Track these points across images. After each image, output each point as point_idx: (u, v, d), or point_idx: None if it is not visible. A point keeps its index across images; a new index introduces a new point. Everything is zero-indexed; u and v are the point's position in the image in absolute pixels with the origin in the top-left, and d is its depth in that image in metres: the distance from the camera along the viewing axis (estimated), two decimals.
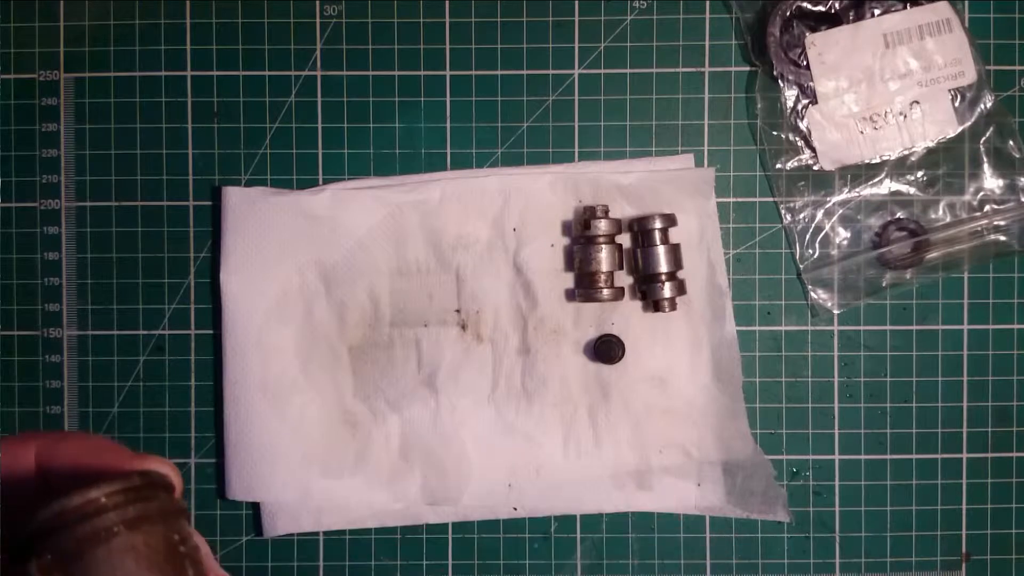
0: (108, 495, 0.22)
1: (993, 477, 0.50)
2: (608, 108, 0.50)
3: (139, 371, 0.50)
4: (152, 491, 0.24)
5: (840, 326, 0.50)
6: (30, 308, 0.50)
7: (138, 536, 0.22)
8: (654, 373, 0.49)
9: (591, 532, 0.50)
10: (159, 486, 0.24)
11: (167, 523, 0.23)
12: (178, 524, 0.24)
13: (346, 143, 0.50)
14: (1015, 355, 0.50)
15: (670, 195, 0.48)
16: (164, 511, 0.23)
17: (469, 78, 0.50)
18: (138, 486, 0.23)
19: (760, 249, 0.50)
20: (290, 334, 0.49)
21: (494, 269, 0.49)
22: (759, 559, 0.50)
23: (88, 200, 0.50)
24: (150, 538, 0.23)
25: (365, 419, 0.49)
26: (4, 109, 0.50)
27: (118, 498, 0.23)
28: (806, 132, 0.49)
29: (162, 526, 0.23)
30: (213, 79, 0.50)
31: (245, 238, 0.48)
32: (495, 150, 0.50)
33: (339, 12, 0.50)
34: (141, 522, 0.23)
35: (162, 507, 0.23)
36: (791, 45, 0.48)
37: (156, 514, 0.23)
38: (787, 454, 0.50)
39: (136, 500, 0.23)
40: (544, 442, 0.49)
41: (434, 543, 0.50)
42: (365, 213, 0.49)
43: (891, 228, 0.49)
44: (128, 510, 0.22)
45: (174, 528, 0.24)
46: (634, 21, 0.50)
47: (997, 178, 0.49)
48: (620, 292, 0.48)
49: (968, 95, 0.48)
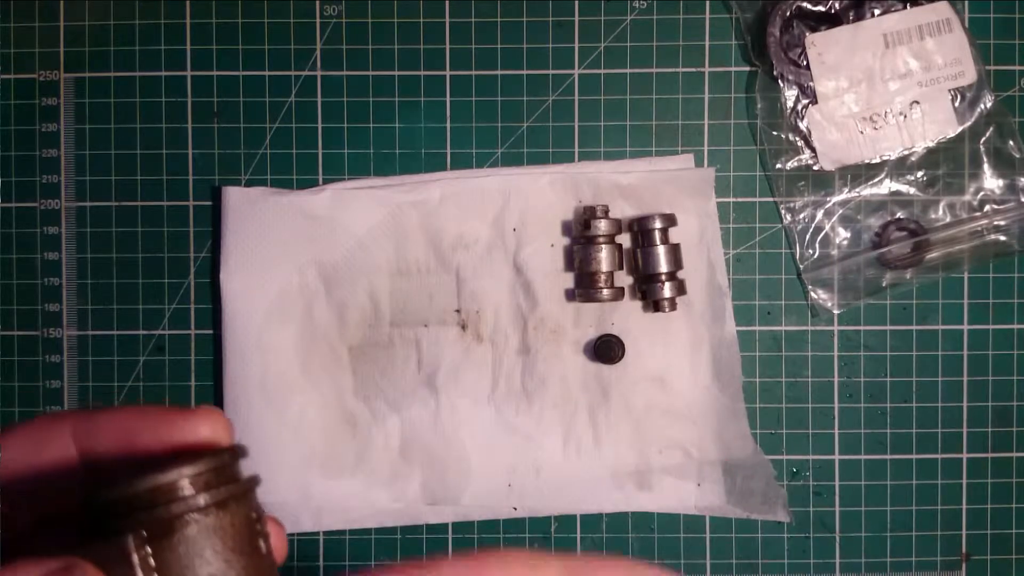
0: (201, 473, 0.22)
1: (993, 477, 0.50)
2: (608, 108, 0.50)
3: (139, 371, 0.50)
4: (236, 467, 0.24)
5: (840, 326, 0.50)
6: (30, 308, 0.50)
7: (226, 516, 0.22)
8: (654, 373, 0.49)
9: (591, 532, 0.50)
10: (240, 458, 0.24)
11: (248, 501, 0.23)
12: (255, 500, 0.24)
13: (346, 143, 0.50)
14: (1015, 355, 0.50)
15: (670, 195, 0.48)
16: (247, 489, 0.23)
17: (469, 78, 0.50)
18: (227, 463, 0.23)
19: (760, 249, 0.50)
20: (290, 334, 0.49)
21: (494, 269, 0.49)
22: (759, 559, 0.50)
23: (88, 200, 0.50)
24: (235, 518, 0.23)
25: (365, 419, 0.49)
26: (4, 109, 0.50)
27: (209, 476, 0.22)
28: (806, 132, 0.49)
29: (244, 505, 0.23)
30: (213, 79, 0.50)
31: (245, 238, 0.48)
32: (495, 150, 0.50)
33: (339, 12, 0.50)
34: (229, 501, 0.23)
35: (247, 485, 0.23)
36: (791, 45, 0.48)
37: (241, 493, 0.23)
38: (787, 454, 0.50)
39: (225, 479, 0.23)
40: (544, 442, 0.49)
41: (434, 543, 0.50)
42: (365, 213, 0.49)
43: (891, 228, 0.49)
44: (220, 490, 0.22)
45: (252, 505, 0.24)
46: (634, 21, 0.50)
47: (997, 178, 0.49)
48: (620, 292, 0.48)
49: (968, 95, 0.48)
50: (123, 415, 0.24)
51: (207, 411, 0.24)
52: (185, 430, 0.24)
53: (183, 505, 0.22)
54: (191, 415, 0.24)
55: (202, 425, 0.24)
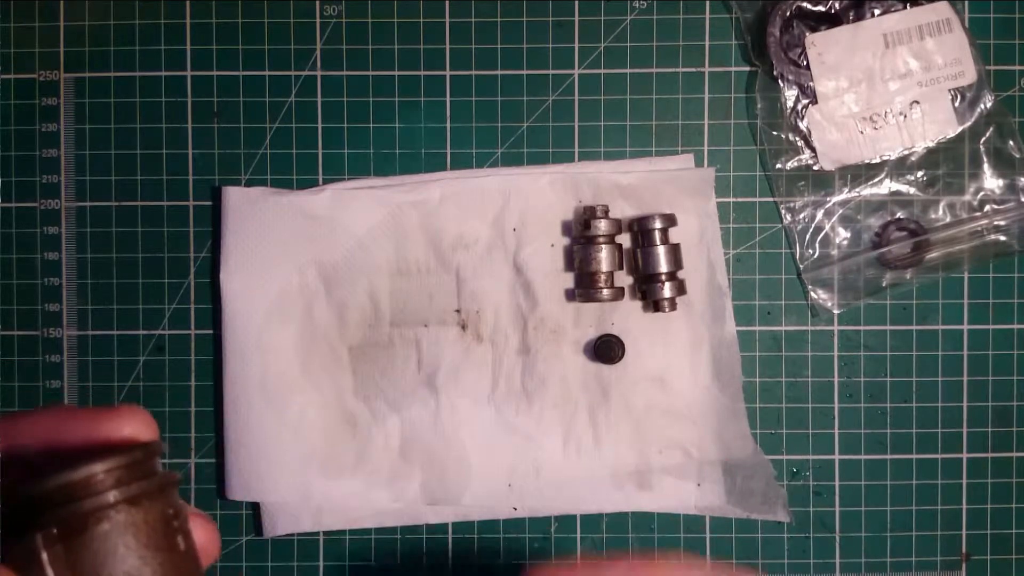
0: (112, 469, 0.22)
1: (993, 477, 0.50)
2: (608, 108, 0.50)
3: (139, 371, 0.50)
4: (151, 464, 0.24)
5: (840, 326, 0.50)
6: (30, 308, 0.50)
7: (139, 512, 0.22)
8: (654, 373, 0.49)
9: (591, 532, 0.50)
10: (156, 455, 0.24)
11: (164, 497, 0.23)
12: (172, 497, 0.24)
13: (346, 143, 0.50)
14: (1015, 355, 0.50)
15: (670, 195, 0.48)
16: (162, 485, 0.23)
17: (469, 78, 0.50)
18: (140, 459, 0.23)
19: (760, 249, 0.50)
20: (290, 334, 0.49)
21: (494, 269, 0.49)
22: (759, 559, 0.50)
23: (88, 200, 0.50)
24: (149, 514, 0.23)
25: (365, 419, 0.49)
26: (4, 109, 0.50)
27: (121, 473, 0.22)
28: (806, 132, 0.49)
29: (160, 501, 0.23)
30: (213, 79, 0.50)
31: (245, 238, 0.49)
32: (495, 150, 0.50)
33: (339, 12, 0.50)
34: (142, 498, 0.23)
35: (161, 481, 0.23)
36: (791, 45, 0.48)
37: (156, 489, 0.23)
38: (787, 454, 0.50)
39: (139, 476, 0.23)
40: (544, 442, 0.49)
41: (434, 543, 0.50)
42: (365, 213, 0.49)
43: (891, 228, 0.49)
44: (132, 486, 0.22)
45: (169, 502, 0.24)
46: (634, 21, 0.50)
47: (997, 178, 0.49)
48: (620, 292, 0.48)
49: (968, 95, 0.48)
50: (46, 415, 0.24)
51: (129, 409, 0.25)
52: (108, 428, 0.24)
53: (94, 502, 0.22)
54: (113, 413, 0.25)
55: (123, 423, 0.25)
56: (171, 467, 0.50)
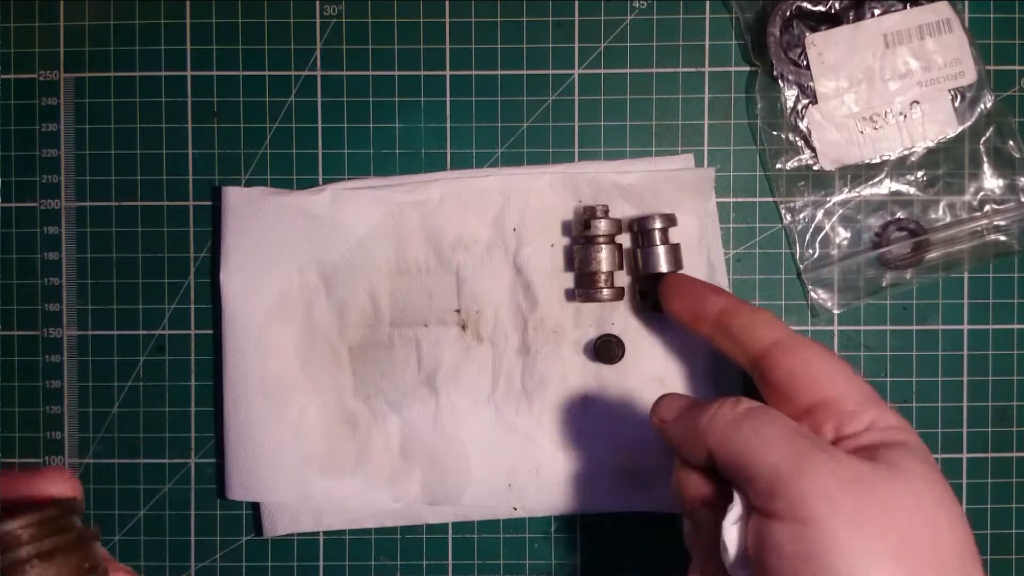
0: (23, 527, 0.23)
1: (993, 477, 0.50)
2: (608, 108, 0.50)
3: (139, 371, 0.50)
4: (67, 520, 0.24)
5: (840, 326, 0.50)
6: (30, 308, 0.50)
7: (51, 567, 0.23)
8: (654, 373, 0.49)
9: (591, 532, 0.50)
10: (73, 512, 0.25)
11: (79, 552, 0.24)
12: (90, 551, 0.25)
13: (346, 143, 0.50)
14: (1015, 355, 0.50)
15: (670, 195, 0.48)
16: (78, 540, 0.24)
17: (469, 78, 0.50)
18: (54, 516, 0.24)
19: (760, 249, 0.50)
20: (290, 334, 0.49)
21: (494, 269, 0.49)
22: None
23: (88, 200, 0.50)
24: (62, 569, 0.23)
25: (365, 419, 0.49)
26: (4, 109, 0.50)
27: (34, 530, 0.23)
28: (806, 132, 0.49)
29: (75, 555, 0.24)
30: (213, 79, 0.50)
31: (245, 238, 0.49)
32: (495, 150, 0.50)
33: (339, 12, 0.50)
34: (55, 553, 0.23)
35: (76, 537, 0.24)
36: (791, 45, 0.48)
37: (71, 544, 0.24)
38: None
39: (52, 532, 0.23)
40: (544, 442, 0.49)
41: (434, 543, 0.50)
42: (365, 213, 0.49)
43: (891, 228, 0.49)
44: (44, 543, 0.23)
45: (86, 556, 0.24)
46: (634, 21, 0.50)
47: (997, 178, 0.49)
48: (620, 292, 0.48)
49: (968, 95, 0.48)
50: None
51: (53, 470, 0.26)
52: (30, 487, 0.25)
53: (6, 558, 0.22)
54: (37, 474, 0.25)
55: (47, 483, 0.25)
56: (171, 467, 0.50)
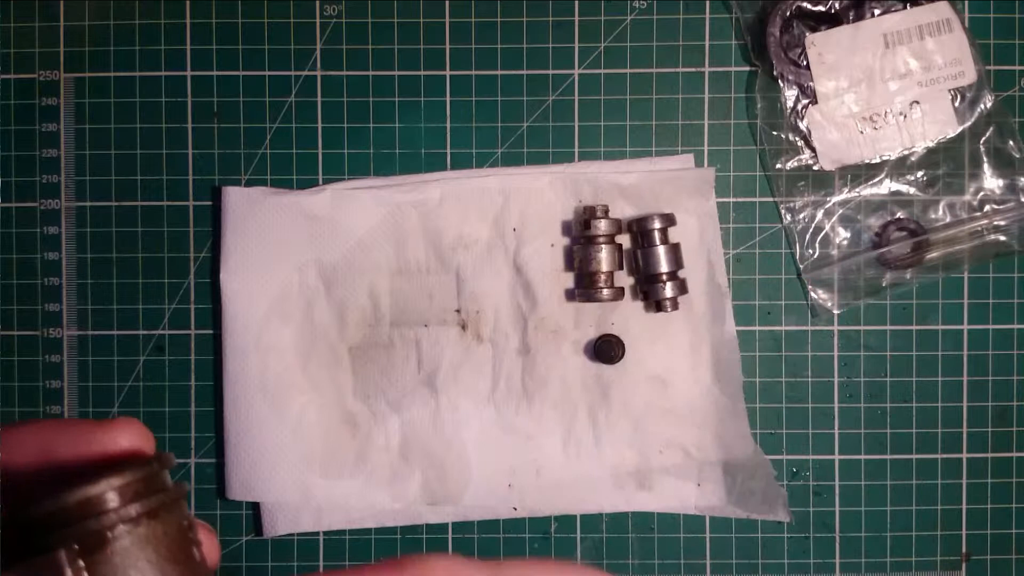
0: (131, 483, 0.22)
1: (993, 477, 0.50)
2: (608, 108, 0.50)
3: (139, 371, 0.50)
4: (164, 476, 0.23)
5: (840, 326, 0.50)
6: (30, 308, 0.50)
7: (158, 525, 0.22)
8: (654, 373, 0.49)
9: (591, 532, 0.50)
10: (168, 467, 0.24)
11: (180, 509, 0.23)
12: (185, 509, 0.24)
13: (346, 143, 0.50)
14: (1015, 355, 0.50)
15: (670, 195, 0.48)
16: (176, 497, 0.23)
17: (469, 78, 0.50)
18: (156, 472, 0.23)
19: (760, 249, 0.50)
20: (290, 334, 0.49)
21: (494, 269, 0.49)
22: (759, 559, 0.50)
23: (88, 200, 0.50)
24: (167, 527, 0.22)
25: (365, 419, 0.49)
26: (4, 109, 0.50)
27: (139, 486, 0.22)
28: (806, 132, 0.49)
29: (176, 513, 0.23)
30: (213, 79, 0.50)
31: (245, 238, 0.49)
32: (495, 150, 0.50)
33: (339, 12, 0.50)
34: (160, 510, 0.22)
35: (176, 493, 0.23)
36: (791, 45, 0.48)
37: (172, 501, 0.23)
38: (787, 454, 0.50)
39: (155, 488, 0.23)
40: (544, 442, 0.49)
41: (434, 543, 0.50)
42: (365, 213, 0.49)
43: (891, 228, 0.49)
44: (152, 499, 0.22)
45: (183, 514, 0.23)
46: (634, 21, 0.50)
47: (997, 178, 0.49)
48: (620, 292, 0.48)
49: (968, 95, 0.48)
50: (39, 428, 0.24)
51: (126, 421, 0.24)
52: (104, 441, 0.24)
53: (114, 516, 0.21)
54: (109, 426, 0.24)
55: (121, 436, 0.24)
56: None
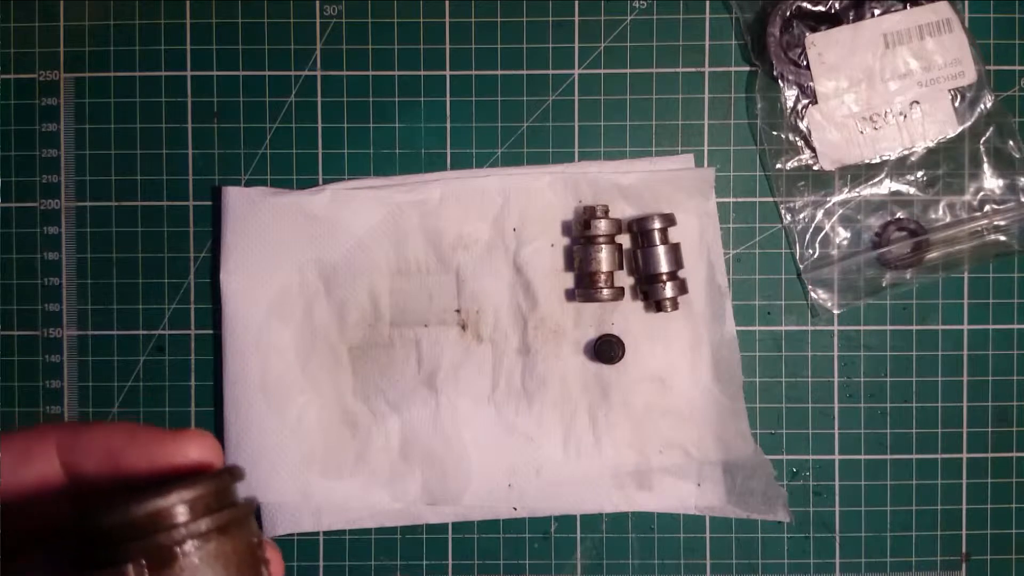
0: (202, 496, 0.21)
1: (993, 477, 0.50)
2: (608, 108, 0.50)
3: (139, 371, 0.50)
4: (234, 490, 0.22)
5: (840, 326, 0.50)
6: (30, 308, 0.50)
7: (228, 542, 0.21)
8: (654, 373, 0.49)
9: (591, 532, 0.50)
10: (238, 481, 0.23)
11: (248, 526, 0.22)
12: (254, 525, 0.23)
13: (346, 143, 0.50)
14: (1015, 355, 0.50)
15: (670, 195, 0.48)
16: (246, 514, 0.22)
17: (469, 78, 0.50)
18: (227, 485, 0.22)
19: (760, 249, 0.50)
20: (290, 334, 0.49)
21: (494, 269, 0.49)
22: (759, 559, 0.50)
23: (88, 200, 0.50)
24: (237, 543, 0.21)
25: (365, 419, 0.49)
26: (4, 109, 0.50)
27: (210, 500, 0.21)
28: (806, 132, 0.49)
29: (246, 530, 0.22)
30: (213, 79, 0.50)
31: (245, 238, 0.48)
32: (495, 150, 0.50)
33: (339, 12, 0.50)
34: (231, 526, 0.21)
35: (247, 509, 0.22)
36: (791, 45, 0.48)
37: (242, 517, 0.22)
38: (787, 454, 0.50)
39: (225, 503, 0.22)
40: (544, 442, 0.49)
41: (434, 543, 0.50)
42: (365, 213, 0.49)
43: (891, 228, 0.49)
44: (223, 514, 0.21)
45: (253, 531, 0.23)
46: (634, 21, 0.50)
47: (997, 178, 0.49)
48: (620, 292, 0.48)
49: (968, 95, 0.48)
50: (110, 432, 0.23)
51: (198, 434, 0.23)
52: (174, 452, 0.23)
53: (184, 531, 0.20)
54: (181, 436, 0.23)
55: (191, 447, 0.23)
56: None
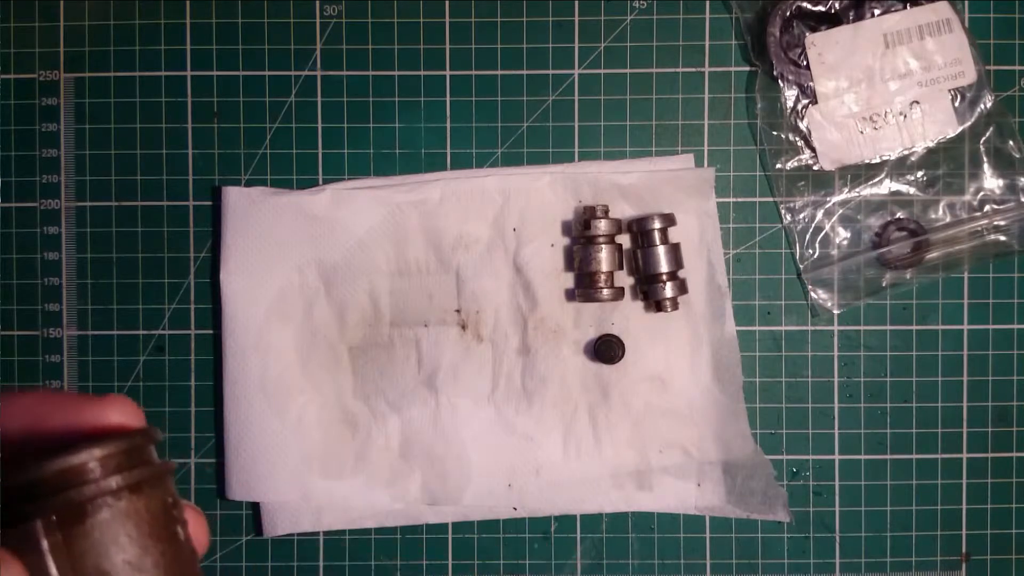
0: (113, 454, 0.21)
1: (993, 477, 0.50)
2: (608, 108, 0.50)
3: (139, 371, 0.50)
4: (150, 451, 0.23)
5: (840, 326, 0.50)
6: (30, 308, 0.50)
7: (140, 500, 0.21)
8: (654, 373, 0.49)
9: (591, 532, 0.50)
10: (153, 442, 0.23)
11: (164, 485, 0.22)
12: (170, 485, 0.23)
13: (346, 143, 0.50)
14: (1015, 355, 0.50)
15: (670, 195, 0.48)
16: (160, 473, 0.22)
17: (469, 78, 0.50)
18: (140, 445, 0.22)
19: (760, 249, 0.50)
20: (290, 334, 0.49)
21: (494, 269, 0.49)
22: (759, 559, 0.50)
23: (88, 200, 0.50)
24: (150, 502, 0.22)
25: (365, 419, 0.49)
26: (4, 109, 0.50)
27: (122, 458, 0.21)
28: (806, 132, 0.49)
29: (160, 489, 0.22)
30: (213, 79, 0.50)
31: (245, 238, 0.48)
32: (495, 150, 0.50)
33: (339, 12, 0.50)
34: (144, 485, 0.22)
35: (161, 469, 0.22)
36: (791, 45, 0.48)
37: (156, 476, 0.22)
38: (787, 454, 0.50)
39: (139, 462, 0.22)
40: (544, 442, 0.49)
41: (434, 543, 0.50)
42: (365, 213, 0.49)
43: (891, 228, 0.49)
44: (134, 472, 0.21)
45: (168, 491, 0.23)
46: (634, 21, 0.50)
47: (997, 178, 0.49)
48: (620, 292, 0.48)
49: (968, 95, 0.48)
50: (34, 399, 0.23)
51: (118, 398, 0.24)
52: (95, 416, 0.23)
53: (94, 488, 0.20)
54: (101, 401, 0.23)
55: (112, 411, 0.23)
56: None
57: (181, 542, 0.23)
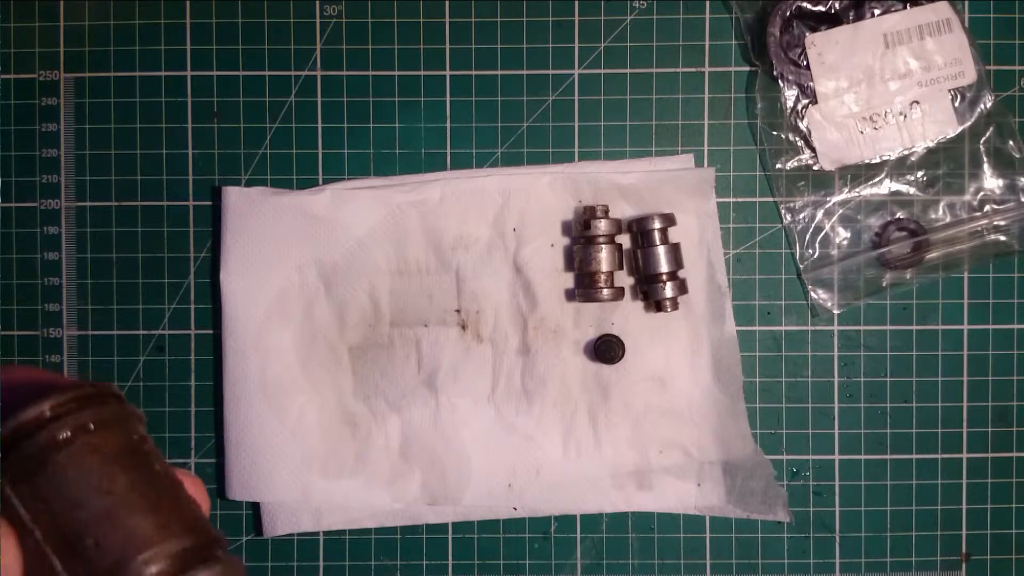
0: (62, 403, 0.23)
1: (993, 477, 0.50)
2: (608, 108, 0.50)
3: (139, 371, 0.50)
4: (103, 399, 0.24)
5: (840, 326, 0.50)
6: (30, 308, 0.50)
7: (98, 437, 0.23)
8: (654, 373, 0.49)
9: (591, 532, 0.50)
10: (110, 395, 0.25)
11: (125, 425, 0.24)
12: (136, 426, 0.25)
13: (346, 143, 0.50)
14: (1015, 355, 0.50)
15: (670, 195, 0.48)
16: (118, 415, 0.24)
17: (469, 78, 0.50)
18: (91, 394, 0.24)
19: (760, 249, 0.50)
20: (290, 334, 0.49)
21: (494, 269, 0.49)
22: (759, 559, 0.50)
23: (88, 200, 0.50)
24: (110, 437, 0.23)
25: (365, 419, 0.49)
26: (4, 109, 0.50)
27: (72, 405, 0.23)
28: (806, 132, 0.49)
29: (120, 428, 0.24)
30: (213, 79, 0.50)
31: (245, 238, 0.48)
32: (495, 150, 0.50)
33: (339, 12, 0.50)
34: (98, 425, 0.23)
35: (116, 411, 0.24)
36: (791, 45, 0.48)
37: (111, 417, 0.24)
38: (787, 454, 0.50)
39: (90, 406, 0.24)
40: (544, 442, 0.49)
41: (434, 543, 0.50)
42: (365, 213, 0.49)
43: (891, 228, 0.49)
44: (83, 414, 0.23)
45: (133, 430, 0.24)
46: (634, 21, 0.50)
47: (997, 178, 0.49)
48: (620, 292, 0.48)
49: (968, 95, 0.48)
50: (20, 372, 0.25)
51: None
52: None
53: (45, 435, 0.22)
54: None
55: None
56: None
57: (156, 471, 0.24)
